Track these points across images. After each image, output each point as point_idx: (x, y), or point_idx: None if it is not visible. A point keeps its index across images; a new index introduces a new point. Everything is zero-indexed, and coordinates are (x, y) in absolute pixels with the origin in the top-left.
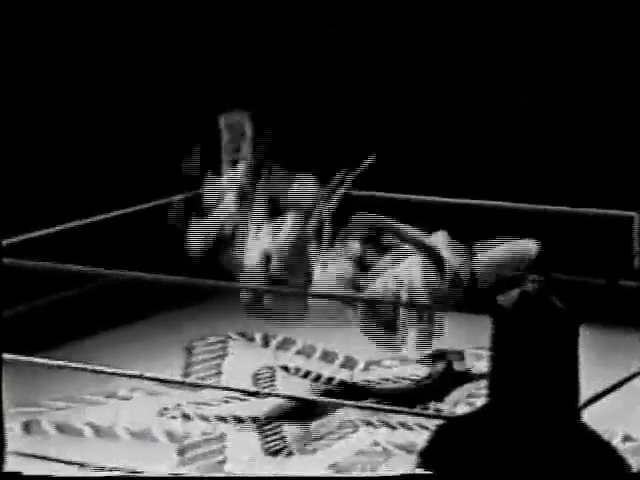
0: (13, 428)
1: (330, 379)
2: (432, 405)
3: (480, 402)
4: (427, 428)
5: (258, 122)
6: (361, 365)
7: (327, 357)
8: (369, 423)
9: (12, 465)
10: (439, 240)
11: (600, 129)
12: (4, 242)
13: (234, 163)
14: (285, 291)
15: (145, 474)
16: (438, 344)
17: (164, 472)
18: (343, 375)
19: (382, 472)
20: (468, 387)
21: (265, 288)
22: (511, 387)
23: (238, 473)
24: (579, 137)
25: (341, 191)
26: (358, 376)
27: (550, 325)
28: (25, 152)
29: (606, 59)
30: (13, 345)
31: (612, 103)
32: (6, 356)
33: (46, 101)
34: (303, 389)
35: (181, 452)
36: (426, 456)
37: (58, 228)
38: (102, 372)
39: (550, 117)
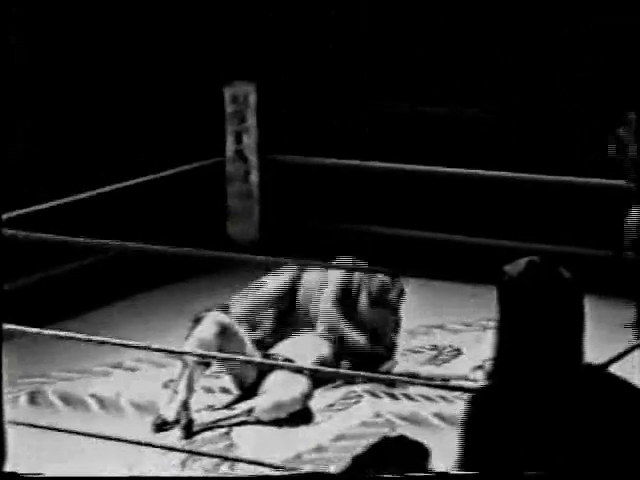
0: (19, 399)
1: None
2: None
3: None
4: (429, 399)
5: (263, 93)
6: None
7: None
8: (372, 394)
9: (16, 436)
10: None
11: (602, 99)
12: (4, 215)
13: (238, 134)
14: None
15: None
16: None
17: (168, 444)
18: None
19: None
20: None
21: (267, 258)
22: (517, 356)
23: (244, 445)
24: (584, 106)
25: None
26: None
27: (556, 293)
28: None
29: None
30: (21, 317)
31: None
32: (13, 327)
33: (54, 77)
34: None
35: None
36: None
37: (66, 200)
38: (108, 343)
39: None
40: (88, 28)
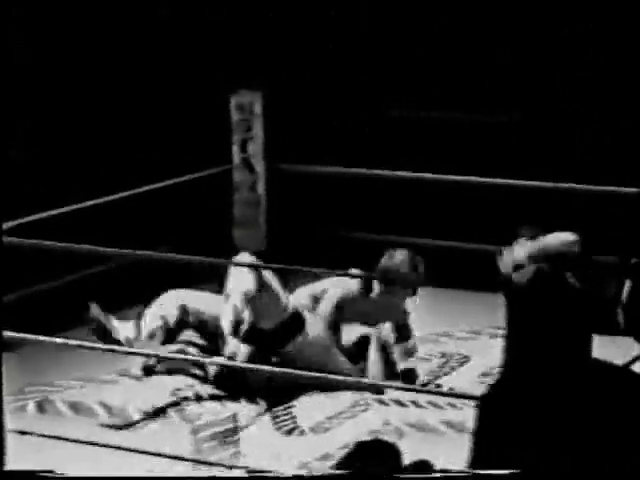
0: (27, 407)
1: None
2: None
3: None
4: (437, 406)
5: (268, 102)
6: None
7: None
8: (381, 402)
9: (24, 445)
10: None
11: (611, 107)
12: (5, 225)
13: (244, 142)
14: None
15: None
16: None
17: (177, 452)
18: None
19: None
20: None
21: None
22: (525, 363)
23: (251, 454)
24: (589, 114)
25: None
26: None
27: (564, 301)
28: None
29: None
30: (29, 325)
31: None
32: (21, 336)
33: (54, 78)
34: None
35: (194, 432)
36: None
37: (72, 207)
38: (116, 351)
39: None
40: (91, 30)
